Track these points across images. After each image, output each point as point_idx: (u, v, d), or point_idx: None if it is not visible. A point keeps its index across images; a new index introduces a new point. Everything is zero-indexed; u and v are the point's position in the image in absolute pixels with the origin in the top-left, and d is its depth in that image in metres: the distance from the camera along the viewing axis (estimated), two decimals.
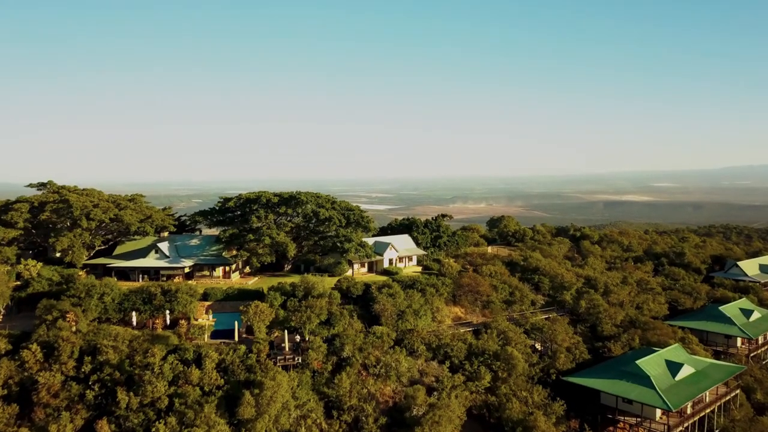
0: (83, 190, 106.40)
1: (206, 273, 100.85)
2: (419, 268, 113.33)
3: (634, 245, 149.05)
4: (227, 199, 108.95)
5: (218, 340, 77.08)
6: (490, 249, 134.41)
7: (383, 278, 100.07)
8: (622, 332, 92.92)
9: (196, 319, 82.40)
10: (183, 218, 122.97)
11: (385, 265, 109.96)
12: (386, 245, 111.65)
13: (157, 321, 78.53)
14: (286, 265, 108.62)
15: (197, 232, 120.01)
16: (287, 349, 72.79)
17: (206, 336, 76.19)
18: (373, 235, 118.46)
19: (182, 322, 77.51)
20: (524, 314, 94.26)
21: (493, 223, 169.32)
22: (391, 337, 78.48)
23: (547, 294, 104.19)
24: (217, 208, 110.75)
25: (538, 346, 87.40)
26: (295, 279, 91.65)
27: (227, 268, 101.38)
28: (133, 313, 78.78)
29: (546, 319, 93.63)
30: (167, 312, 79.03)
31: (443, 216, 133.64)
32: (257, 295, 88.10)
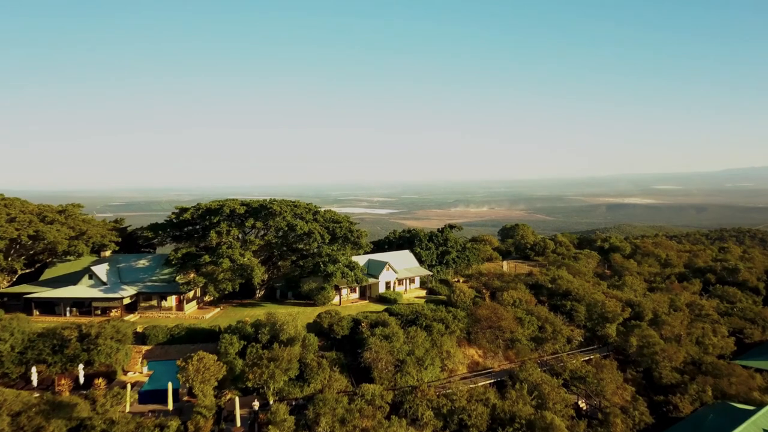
0: (3, 200, 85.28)
1: (154, 303, 79.93)
2: (423, 292, 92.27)
3: (673, 259, 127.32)
4: (183, 210, 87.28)
5: (150, 406, 55.89)
6: (505, 265, 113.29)
7: (378, 307, 79.18)
8: (688, 380, 71.38)
9: (126, 373, 61.41)
10: (138, 233, 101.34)
11: (381, 289, 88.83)
12: (383, 265, 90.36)
13: (63, 380, 57.23)
14: (258, 292, 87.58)
15: (152, 250, 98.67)
16: (238, 424, 51.52)
17: (128, 403, 54.78)
18: (366, 252, 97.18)
19: (98, 381, 56.26)
20: (559, 356, 73.02)
21: (506, 232, 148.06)
22: (387, 400, 57.15)
23: (583, 326, 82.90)
24: (174, 220, 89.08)
25: (581, 404, 65.91)
26: (266, 310, 71.26)
27: (182, 297, 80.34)
28: (34, 368, 57.74)
29: (587, 362, 72.40)
30: (80, 366, 58.01)
31: (451, 227, 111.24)
32: (212, 335, 67.38)
